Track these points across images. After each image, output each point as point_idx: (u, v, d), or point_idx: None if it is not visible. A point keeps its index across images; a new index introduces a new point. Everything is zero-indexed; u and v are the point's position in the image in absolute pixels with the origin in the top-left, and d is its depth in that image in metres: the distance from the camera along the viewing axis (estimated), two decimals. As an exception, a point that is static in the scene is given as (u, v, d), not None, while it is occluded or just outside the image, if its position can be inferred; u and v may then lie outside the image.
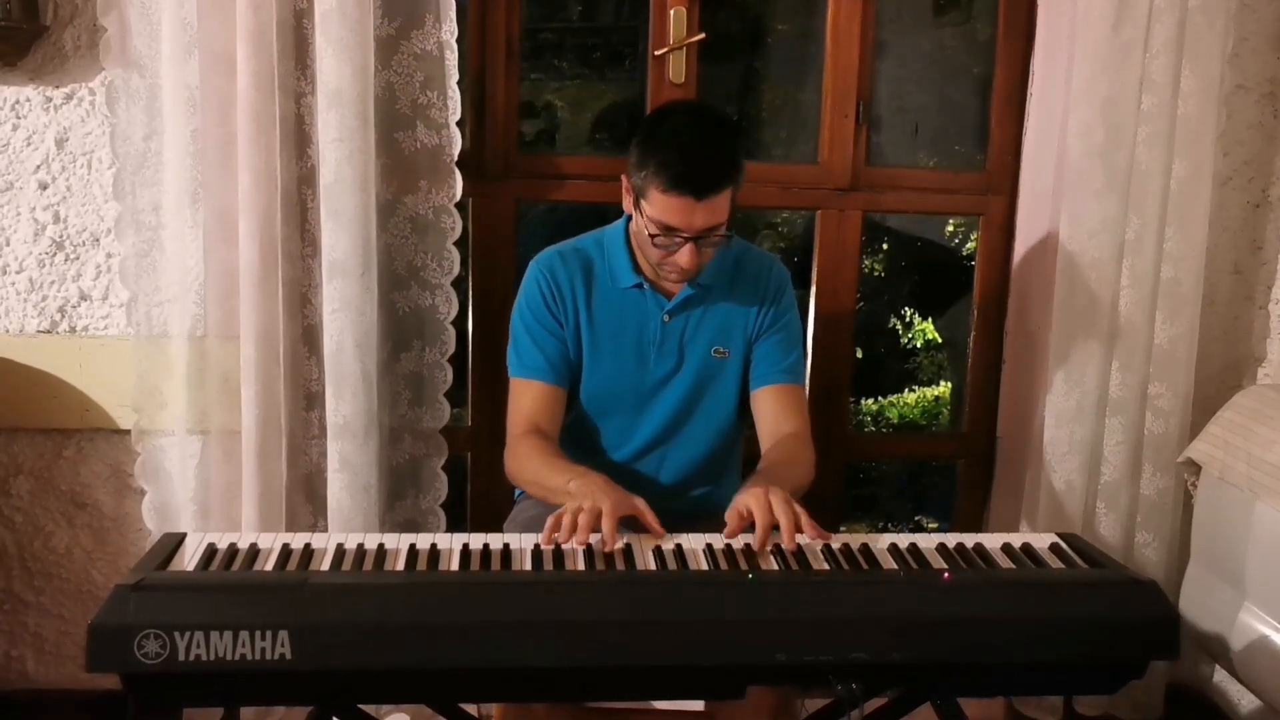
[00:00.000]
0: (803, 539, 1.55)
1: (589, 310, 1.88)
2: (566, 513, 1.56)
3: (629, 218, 1.87)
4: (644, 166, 1.72)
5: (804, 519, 1.56)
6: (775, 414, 1.89)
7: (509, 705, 1.75)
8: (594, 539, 1.54)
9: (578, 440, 1.93)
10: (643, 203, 1.75)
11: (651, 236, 1.75)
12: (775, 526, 1.56)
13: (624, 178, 1.81)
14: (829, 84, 2.33)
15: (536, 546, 1.55)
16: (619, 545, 1.55)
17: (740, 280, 1.91)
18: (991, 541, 1.64)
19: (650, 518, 1.61)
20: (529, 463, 1.80)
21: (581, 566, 1.51)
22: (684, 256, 1.74)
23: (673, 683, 1.44)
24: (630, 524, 1.62)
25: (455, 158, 2.11)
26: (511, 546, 1.55)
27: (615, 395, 1.91)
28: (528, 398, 1.87)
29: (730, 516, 1.60)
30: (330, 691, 1.43)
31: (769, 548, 1.55)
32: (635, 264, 1.88)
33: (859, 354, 3.78)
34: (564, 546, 1.53)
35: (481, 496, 2.36)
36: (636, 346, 1.89)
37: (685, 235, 1.72)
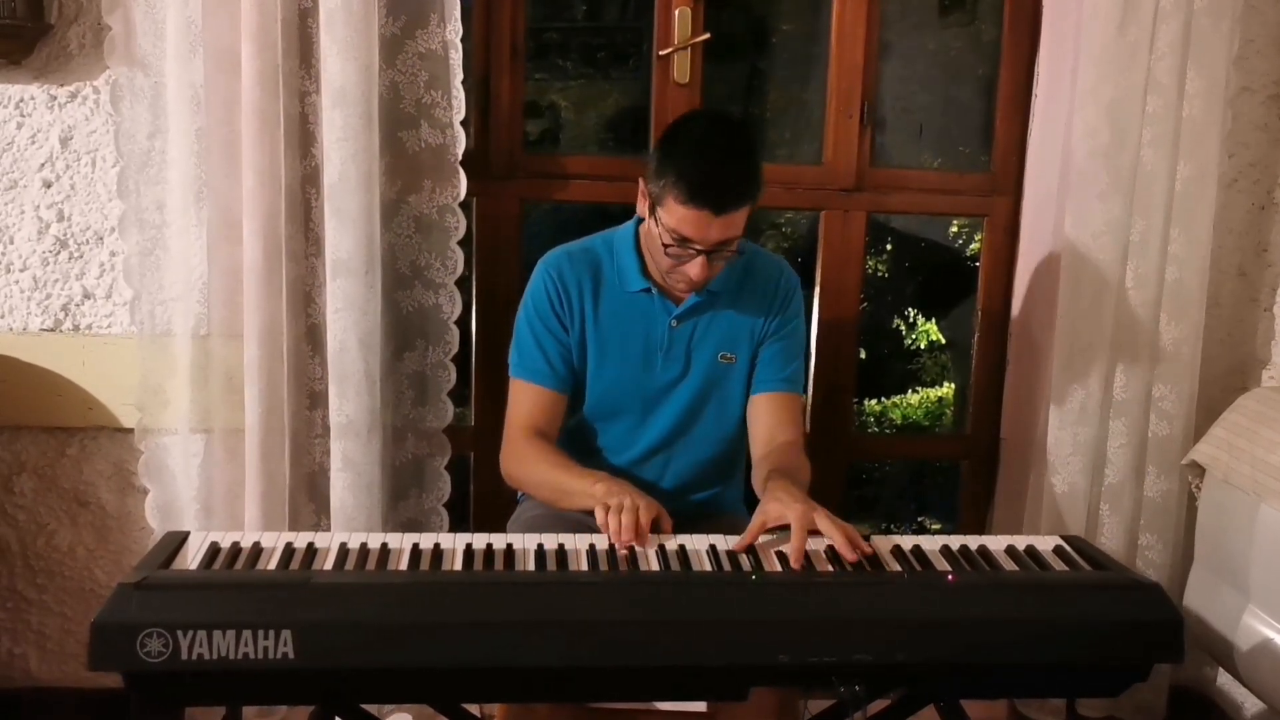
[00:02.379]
0: (845, 550, 1.54)
1: (596, 313, 1.88)
2: (612, 513, 1.59)
3: (639, 220, 1.86)
4: (663, 175, 1.70)
5: (848, 531, 1.56)
6: (771, 423, 1.88)
7: (511, 705, 1.74)
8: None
9: (583, 443, 1.92)
10: (659, 210, 1.73)
11: (664, 246, 1.73)
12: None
13: (640, 181, 1.79)
14: (833, 84, 2.33)
15: (540, 546, 1.55)
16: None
17: (749, 285, 1.90)
18: (995, 543, 1.64)
19: (667, 522, 1.63)
20: (538, 465, 1.80)
21: (585, 567, 1.51)
22: (695, 268, 1.73)
23: (675, 683, 1.44)
24: None
25: (459, 157, 2.11)
26: (515, 547, 1.55)
27: (621, 398, 1.90)
28: (528, 400, 1.87)
29: (756, 523, 1.59)
30: (333, 691, 1.44)
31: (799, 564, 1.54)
32: (644, 268, 1.87)
33: (862, 355, 3.78)
34: (621, 549, 1.55)
35: (485, 496, 2.36)
36: (643, 350, 1.88)
37: (699, 248, 1.71)
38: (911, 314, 4.67)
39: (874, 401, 4.63)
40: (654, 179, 1.73)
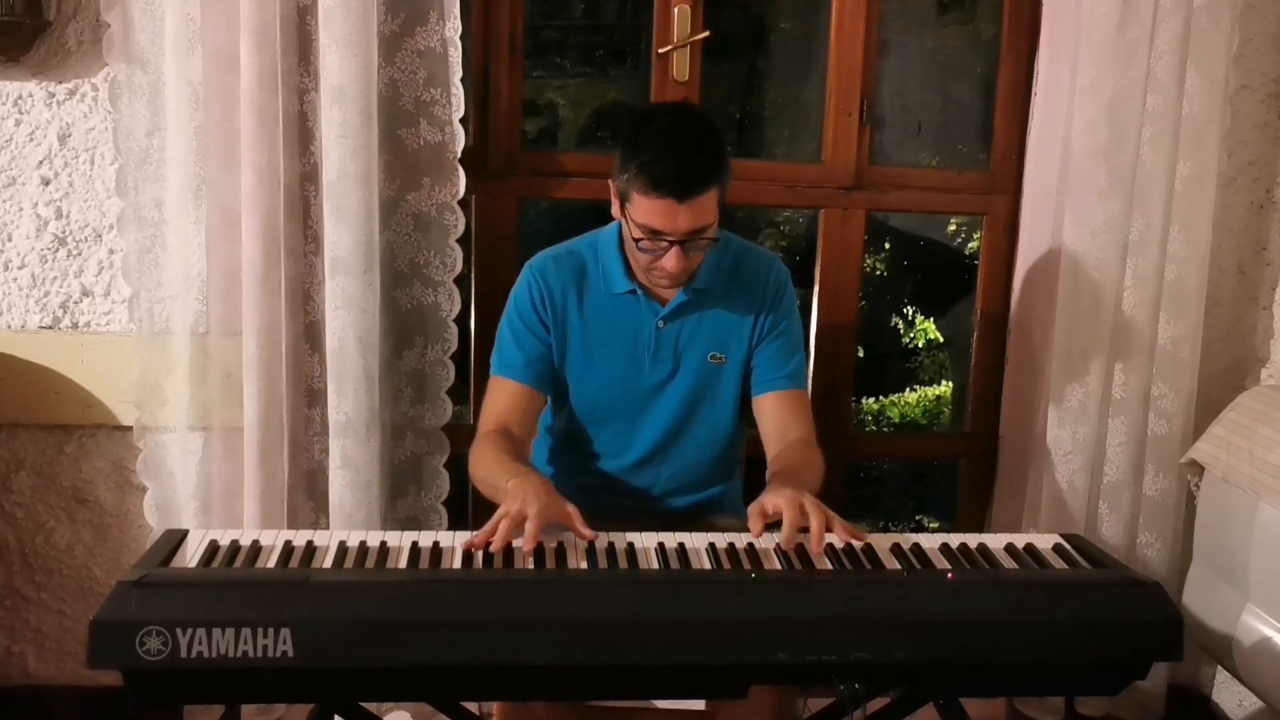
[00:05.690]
0: (834, 539, 1.53)
1: (581, 315, 1.86)
2: (495, 517, 1.53)
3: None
4: (626, 169, 1.69)
5: (835, 520, 1.55)
6: (781, 421, 1.86)
7: (510, 704, 1.74)
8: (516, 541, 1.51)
9: (577, 448, 1.92)
10: (627, 206, 1.72)
11: (636, 241, 1.72)
12: (804, 529, 1.54)
13: (610, 182, 1.78)
14: (832, 82, 2.33)
15: (538, 545, 1.54)
16: (552, 545, 1.53)
17: (737, 283, 1.88)
18: (994, 542, 1.64)
19: (579, 524, 1.56)
20: (482, 462, 1.74)
21: (584, 565, 1.50)
22: (670, 260, 1.71)
23: (675, 682, 1.43)
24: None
25: (458, 155, 2.10)
26: (513, 545, 1.54)
27: (610, 402, 1.89)
28: (500, 397, 1.84)
29: (753, 513, 1.58)
30: (332, 689, 1.43)
31: (792, 546, 1.53)
32: (629, 269, 1.85)
33: (861, 353, 3.78)
34: (478, 551, 1.50)
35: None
36: (630, 353, 1.87)
37: (670, 239, 1.69)
38: (910, 312, 4.66)
39: (872, 400, 4.62)
40: (619, 175, 1.72)
